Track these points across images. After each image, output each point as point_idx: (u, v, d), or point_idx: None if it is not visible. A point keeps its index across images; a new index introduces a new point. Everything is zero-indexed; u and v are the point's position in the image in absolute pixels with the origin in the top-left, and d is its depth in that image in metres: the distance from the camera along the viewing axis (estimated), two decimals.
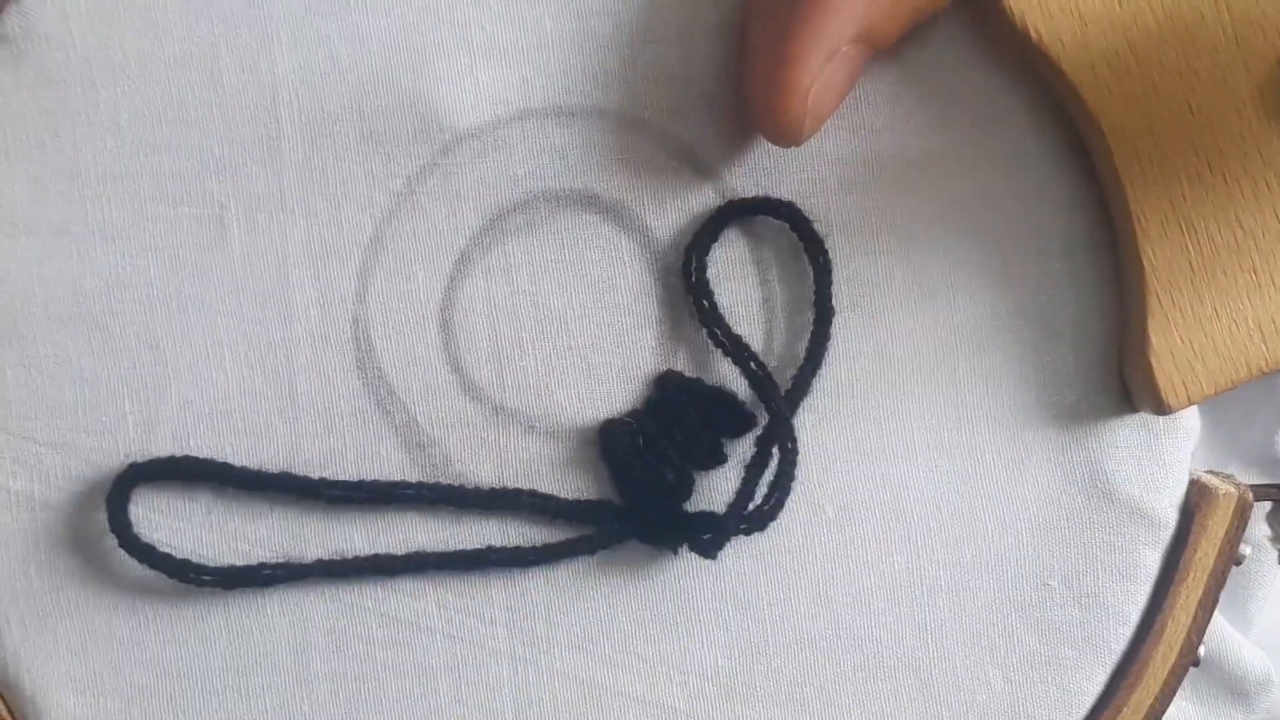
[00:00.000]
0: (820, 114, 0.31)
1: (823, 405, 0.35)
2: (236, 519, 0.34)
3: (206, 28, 0.33)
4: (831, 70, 0.31)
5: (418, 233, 0.34)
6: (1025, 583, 0.35)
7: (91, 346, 0.33)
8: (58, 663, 0.34)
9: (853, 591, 0.35)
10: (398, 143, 0.34)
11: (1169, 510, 0.36)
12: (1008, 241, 0.35)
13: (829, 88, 0.31)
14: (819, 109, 0.31)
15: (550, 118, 0.34)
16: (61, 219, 0.33)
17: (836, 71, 0.31)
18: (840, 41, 0.31)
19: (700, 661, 0.35)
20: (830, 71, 0.31)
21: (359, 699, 0.34)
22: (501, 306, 0.34)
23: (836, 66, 0.31)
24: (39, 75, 0.33)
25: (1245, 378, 0.34)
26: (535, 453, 0.35)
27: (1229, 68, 0.33)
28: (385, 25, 0.33)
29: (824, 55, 0.31)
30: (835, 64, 0.31)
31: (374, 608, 0.34)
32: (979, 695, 0.36)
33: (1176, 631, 0.36)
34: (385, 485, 0.34)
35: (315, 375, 0.34)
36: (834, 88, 0.31)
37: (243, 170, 0.33)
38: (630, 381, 0.35)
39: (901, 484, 0.35)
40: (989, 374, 0.35)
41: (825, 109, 0.32)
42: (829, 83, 0.31)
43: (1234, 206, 0.33)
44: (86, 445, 0.34)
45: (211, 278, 0.34)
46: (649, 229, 0.34)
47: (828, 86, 0.31)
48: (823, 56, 0.31)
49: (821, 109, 0.31)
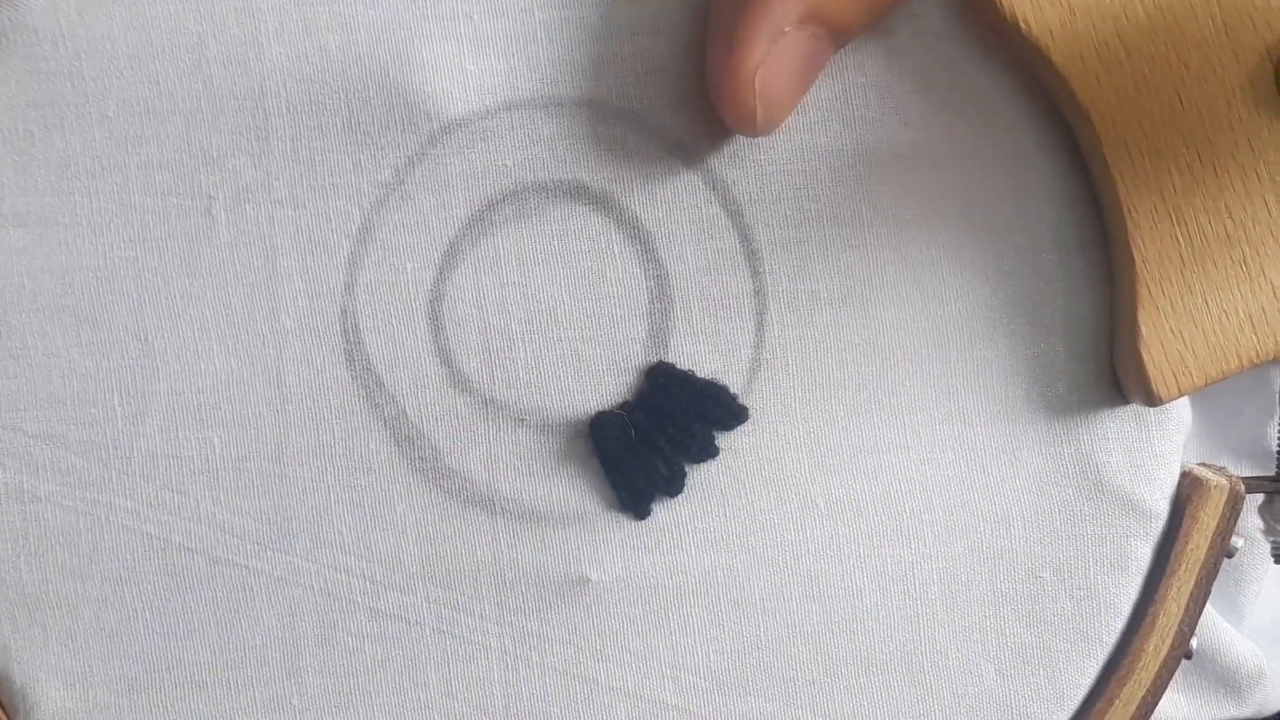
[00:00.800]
0: (772, 98, 0.31)
1: (814, 397, 0.35)
2: (224, 511, 0.34)
3: (194, 19, 0.33)
4: (779, 52, 0.31)
5: (406, 224, 0.34)
6: (1017, 575, 0.35)
7: (80, 338, 0.33)
8: (47, 655, 0.34)
9: (844, 584, 0.35)
10: (385, 133, 0.34)
11: (1160, 502, 0.36)
12: (999, 233, 0.35)
13: (777, 71, 0.31)
14: (769, 93, 0.31)
15: (539, 108, 0.34)
16: (49, 210, 0.33)
17: (784, 53, 0.31)
18: (784, 21, 0.31)
19: (692, 655, 0.35)
20: (777, 53, 0.31)
21: (348, 693, 0.34)
22: (490, 298, 0.34)
23: (783, 48, 0.31)
24: (27, 66, 0.33)
25: (1236, 369, 0.34)
26: (525, 445, 0.34)
27: (1219, 59, 0.33)
28: (373, 15, 0.33)
29: (766, 37, 0.30)
30: (782, 46, 0.31)
31: (363, 602, 0.34)
32: (971, 687, 0.36)
33: (1168, 624, 0.36)
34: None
35: (304, 367, 0.34)
36: (784, 71, 0.31)
37: (230, 161, 0.33)
38: (621, 373, 0.35)
39: (893, 476, 0.35)
40: (980, 366, 0.35)
41: (777, 93, 0.31)
42: (777, 66, 0.31)
43: (1224, 198, 0.33)
44: (75, 437, 0.34)
45: (200, 269, 0.34)
46: (638, 220, 0.34)
47: (776, 70, 0.31)
48: (765, 39, 0.30)
49: (772, 93, 0.31)
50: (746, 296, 0.35)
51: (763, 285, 0.35)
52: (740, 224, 0.34)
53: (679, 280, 0.34)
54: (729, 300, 0.35)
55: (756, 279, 0.35)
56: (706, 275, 0.34)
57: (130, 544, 0.34)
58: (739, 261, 0.35)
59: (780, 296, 0.35)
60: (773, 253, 0.34)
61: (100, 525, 0.34)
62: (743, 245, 0.35)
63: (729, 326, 0.34)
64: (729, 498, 0.35)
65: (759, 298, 0.35)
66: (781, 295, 0.35)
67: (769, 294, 0.35)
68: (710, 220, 0.34)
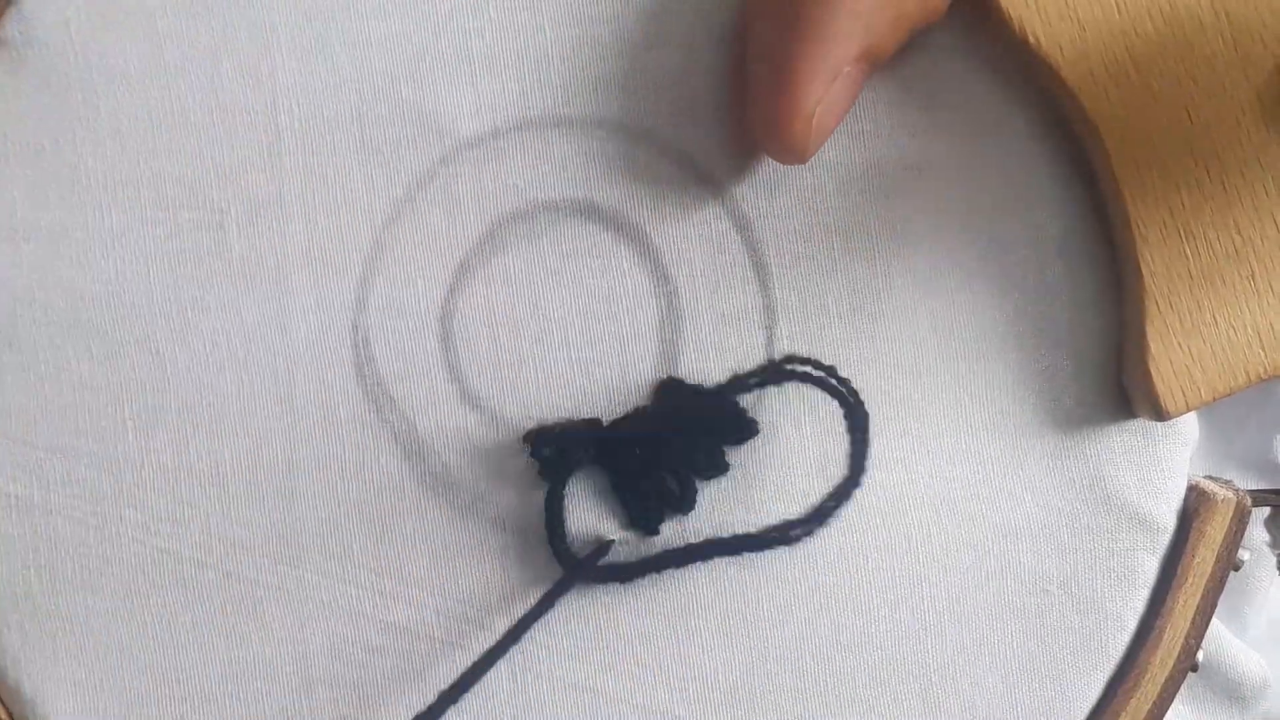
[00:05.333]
0: (824, 132, 0.32)
1: (822, 411, 0.35)
2: (234, 524, 0.34)
3: (206, 34, 0.33)
4: (835, 90, 0.31)
5: (418, 241, 0.34)
6: (1024, 588, 0.35)
7: (91, 352, 0.34)
8: (57, 667, 0.34)
9: (852, 597, 0.35)
10: (397, 151, 0.34)
11: (1167, 516, 0.36)
12: (1007, 247, 0.35)
13: (833, 108, 0.31)
14: (823, 128, 0.32)
15: (550, 127, 0.34)
16: (61, 224, 0.33)
17: (840, 92, 0.31)
18: (843, 63, 0.31)
19: (700, 668, 0.35)
20: (834, 91, 0.31)
21: (357, 705, 0.34)
22: (501, 316, 0.34)
23: (840, 86, 0.31)
24: (39, 80, 0.33)
25: (1244, 384, 0.34)
26: (535, 464, 0.34)
27: (1228, 75, 0.33)
28: (385, 32, 0.33)
29: (828, 78, 0.31)
30: (839, 84, 0.31)
31: (373, 614, 0.34)
32: (978, 700, 0.36)
33: (1175, 637, 0.36)
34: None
35: (314, 382, 0.34)
36: (837, 107, 0.32)
37: (243, 176, 0.33)
38: (631, 390, 0.35)
39: (900, 490, 0.35)
40: (988, 380, 0.35)
41: (829, 127, 0.32)
42: (833, 103, 0.31)
43: (1232, 213, 0.33)
44: (86, 450, 0.34)
45: (211, 283, 0.34)
46: (648, 237, 0.34)
47: (831, 106, 0.31)
48: (828, 78, 0.31)
49: (825, 127, 0.32)
50: (756, 311, 0.35)
51: (771, 300, 0.35)
52: (749, 239, 0.35)
53: (688, 296, 0.34)
54: (738, 315, 0.35)
55: (766, 294, 0.35)
56: (716, 291, 0.34)
57: (141, 557, 0.34)
58: (748, 276, 0.35)
59: (789, 311, 0.35)
60: (781, 267, 0.35)
61: (111, 538, 0.34)
62: (752, 260, 0.35)
63: (739, 342, 0.35)
64: (737, 512, 0.35)
65: (768, 312, 0.35)
66: (790, 309, 0.35)
67: (778, 308, 0.35)
68: (719, 236, 0.34)
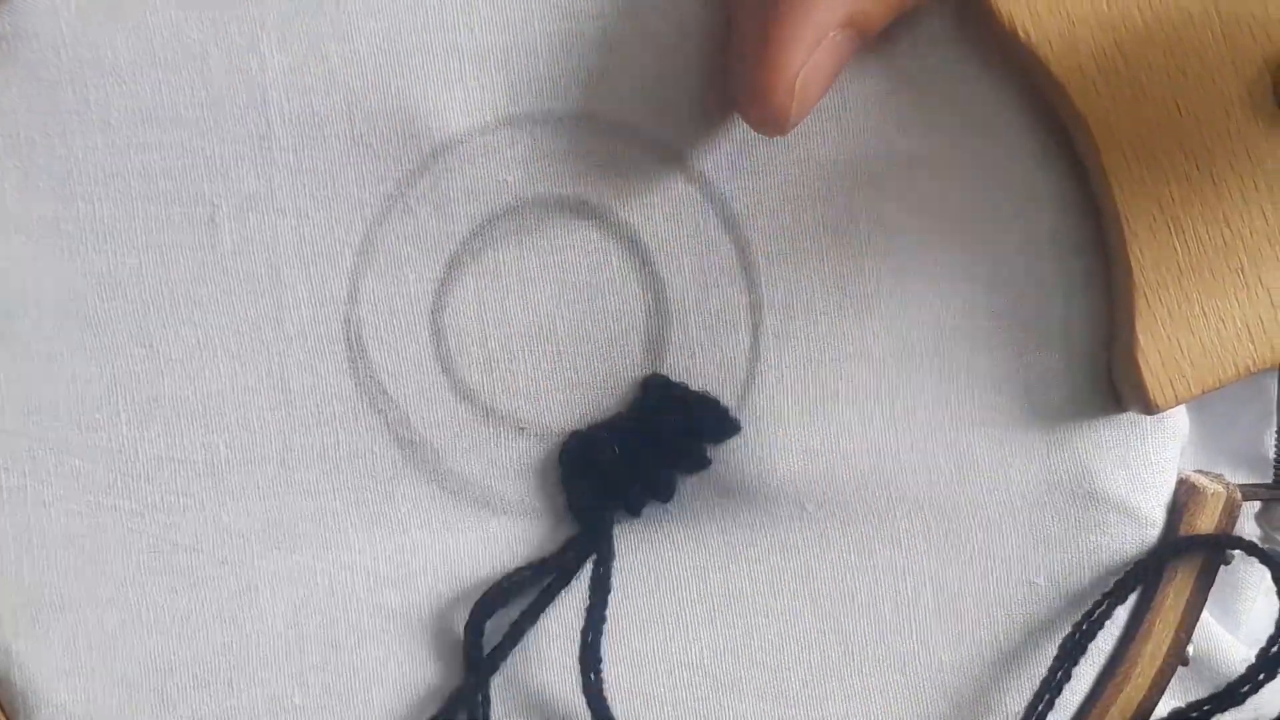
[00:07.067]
0: (806, 101, 0.31)
1: (809, 406, 0.35)
2: (229, 513, 0.34)
3: (196, 27, 0.33)
4: (819, 56, 0.30)
5: (408, 235, 0.34)
6: (1011, 581, 0.36)
7: (84, 344, 0.34)
8: (49, 656, 0.34)
9: (838, 587, 0.35)
10: (387, 145, 0.34)
11: (1157, 510, 0.36)
12: (995, 241, 0.35)
13: (816, 75, 0.31)
14: (805, 96, 0.31)
15: (538, 123, 0.34)
16: (53, 217, 0.33)
17: (824, 58, 0.31)
18: (828, 27, 0.30)
19: (686, 653, 0.35)
20: (817, 58, 0.30)
21: (351, 692, 0.35)
22: (491, 310, 0.34)
23: (824, 53, 0.30)
24: (29, 73, 0.33)
25: (1233, 377, 0.34)
26: (526, 453, 0.35)
27: (1217, 68, 0.33)
28: (374, 27, 0.33)
29: (812, 41, 0.30)
30: (822, 50, 0.30)
31: (368, 598, 0.35)
32: (964, 692, 0.36)
33: (1165, 631, 0.36)
34: None
35: (307, 374, 0.34)
36: (821, 74, 0.31)
37: (234, 170, 0.33)
38: (618, 385, 0.35)
39: (887, 481, 0.35)
40: (976, 373, 0.35)
41: (811, 96, 0.31)
42: (816, 69, 0.30)
43: (1221, 206, 0.33)
44: (79, 441, 0.34)
45: (204, 276, 0.34)
46: (636, 233, 0.34)
47: (814, 73, 0.31)
48: (811, 43, 0.30)
49: (808, 96, 0.31)
50: (743, 308, 0.35)
51: (759, 297, 0.35)
52: (737, 236, 0.35)
53: (676, 293, 0.35)
54: (725, 312, 0.35)
55: (753, 291, 0.35)
56: (703, 288, 0.34)
57: (134, 546, 0.34)
58: (736, 273, 0.35)
59: (776, 307, 0.35)
60: (769, 264, 0.35)
61: (103, 528, 0.34)
62: (740, 257, 0.35)
63: (725, 338, 0.35)
64: (722, 500, 0.35)
65: (755, 309, 0.35)
66: (778, 306, 0.35)
67: (765, 305, 0.35)
68: (708, 233, 0.34)
